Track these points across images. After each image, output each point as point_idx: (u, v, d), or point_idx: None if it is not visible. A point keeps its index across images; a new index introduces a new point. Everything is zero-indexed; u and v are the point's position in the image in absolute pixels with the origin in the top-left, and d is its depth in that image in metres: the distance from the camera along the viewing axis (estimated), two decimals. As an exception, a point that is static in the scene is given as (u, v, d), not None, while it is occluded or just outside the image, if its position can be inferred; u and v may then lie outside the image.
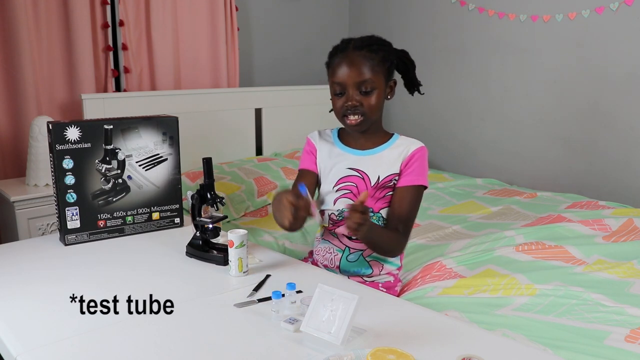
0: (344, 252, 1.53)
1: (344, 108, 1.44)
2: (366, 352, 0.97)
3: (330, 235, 1.56)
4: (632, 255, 1.81)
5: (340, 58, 1.45)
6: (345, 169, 1.51)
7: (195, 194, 1.55)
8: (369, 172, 1.49)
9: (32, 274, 1.43)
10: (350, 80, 1.42)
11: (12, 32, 2.32)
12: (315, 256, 1.61)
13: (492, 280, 1.64)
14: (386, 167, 1.49)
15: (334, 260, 1.54)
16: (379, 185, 1.48)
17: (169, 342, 1.07)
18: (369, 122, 1.47)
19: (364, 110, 1.44)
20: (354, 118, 1.45)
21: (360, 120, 1.45)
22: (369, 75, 1.42)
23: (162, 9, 2.73)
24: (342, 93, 1.45)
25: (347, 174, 1.50)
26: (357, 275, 1.54)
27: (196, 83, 2.93)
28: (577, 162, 2.85)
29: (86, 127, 1.61)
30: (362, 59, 1.42)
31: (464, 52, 3.23)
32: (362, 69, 1.42)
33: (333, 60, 1.48)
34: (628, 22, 2.58)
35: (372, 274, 1.54)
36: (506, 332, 1.36)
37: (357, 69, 1.42)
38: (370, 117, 1.46)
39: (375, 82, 1.43)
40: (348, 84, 1.43)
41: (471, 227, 2.18)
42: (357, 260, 1.52)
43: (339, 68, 1.44)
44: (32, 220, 2.17)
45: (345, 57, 1.44)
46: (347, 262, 1.53)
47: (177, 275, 1.42)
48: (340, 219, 1.52)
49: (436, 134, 3.45)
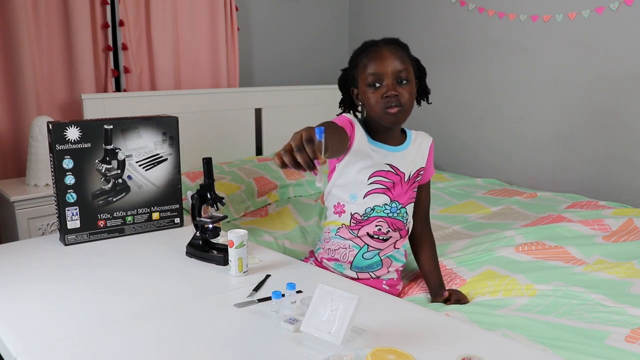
0: (361, 249, 1.53)
1: (384, 99, 1.42)
2: (366, 352, 0.97)
3: (348, 233, 1.53)
4: (632, 255, 1.81)
5: (372, 52, 1.46)
6: (383, 164, 1.49)
7: (195, 194, 1.55)
8: (402, 168, 1.51)
9: (32, 274, 1.43)
10: (387, 69, 1.42)
11: (12, 32, 2.32)
12: (321, 254, 1.59)
13: (492, 282, 1.64)
14: (413, 163, 1.54)
15: (347, 255, 1.54)
16: (412, 180, 1.54)
17: (169, 342, 1.07)
18: (406, 115, 1.46)
19: (401, 100, 1.43)
20: (395, 110, 1.42)
21: (399, 110, 1.43)
22: (405, 65, 1.44)
23: (162, 9, 2.73)
24: (376, 85, 1.44)
25: (384, 168, 1.49)
26: (367, 272, 1.55)
27: (196, 83, 2.93)
28: (577, 162, 2.85)
29: (86, 127, 1.61)
30: (396, 51, 1.45)
31: (464, 52, 3.23)
32: (398, 60, 1.44)
33: (363, 55, 1.48)
34: (628, 22, 2.58)
35: (380, 270, 1.56)
36: (506, 332, 1.36)
37: (393, 59, 1.43)
38: (408, 109, 1.45)
39: (409, 74, 1.45)
40: (385, 73, 1.42)
41: (471, 227, 2.18)
42: (373, 258, 1.54)
43: (374, 60, 1.44)
44: (32, 220, 2.17)
45: (378, 50, 1.46)
46: (362, 259, 1.54)
47: (177, 275, 1.42)
48: (364, 219, 1.51)
49: (436, 134, 3.39)
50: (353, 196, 1.50)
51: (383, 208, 1.51)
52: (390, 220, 1.52)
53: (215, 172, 1.95)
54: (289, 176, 2.64)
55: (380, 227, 1.51)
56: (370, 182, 1.48)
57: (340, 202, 1.53)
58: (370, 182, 1.48)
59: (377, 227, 1.51)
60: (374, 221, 1.51)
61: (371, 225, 1.51)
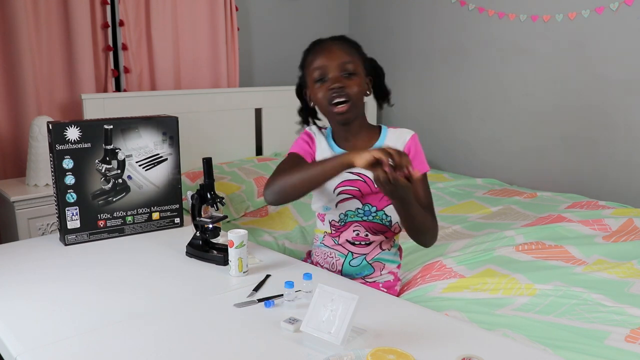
0: (346, 257, 1.51)
1: (329, 93, 1.39)
2: (366, 352, 0.97)
3: (331, 241, 1.53)
4: (632, 255, 1.81)
5: (318, 47, 1.45)
6: (346, 172, 1.41)
7: (195, 194, 1.55)
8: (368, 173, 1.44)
9: (32, 274, 1.43)
10: (331, 62, 1.40)
11: (12, 32, 2.32)
12: (315, 257, 1.60)
13: (492, 280, 1.64)
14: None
15: (335, 264, 1.53)
16: None
17: (169, 342, 1.07)
18: (354, 110, 1.42)
19: (348, 92, 1.38)
20: (342, 106, 1.39)
21: (348, 106, 1.39)
22: (350, 58, 1.41)
23: (162, 9, 2.73)
24: (322, 79, 1.41)
25: (349, 177, 1.45)
26: (359, 277, 1.53)
27: (196, 83, 2.93)
28: (577, 162, 2.85)
29: (86, 127, 1.61)
30: (341, 46, 1.43)
31: (464, 52, 3.23)
32: (343, 52, 1.41)
33: (309, 53, 1.47)
34: (628, 22, 2.58)
35: (373, 275, 1.53)
36: (506, 332, 1.36)
37: (338, 52, 1.41)
38: (356, 103, 1.41)
39: (356, 67, 1.42)
40: (329, 66, 1.40)
41: (471, 227, 2.18)
42: (360, 264, 1.51)
43: (318, 54, 1.42)
44: (32, 220, 2.17)
45: (323, 45, 1.45)
46: (349, 266, 1.52)
47: (177, 275, 1.42)
48: (342, 225, 1.49)
49: (436, 134, 3.45)
50: (326, 207, 1.50)
51: (356, 212, 1.47)
52: (367, 224, 1.47)
53: (215, 172, 1.95)
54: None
55: (358, 232, 1.48)
56: (337, 192, 1.47)
57: (319, 212, 1.54)
58: (337, 192, 1.47)
59: (354, 232, 1.48)
60: (350, 226, 1.48)
61: (349, 231, 1.49)
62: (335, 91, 1.39)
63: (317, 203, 1.53)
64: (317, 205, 1.53)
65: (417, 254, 1.88)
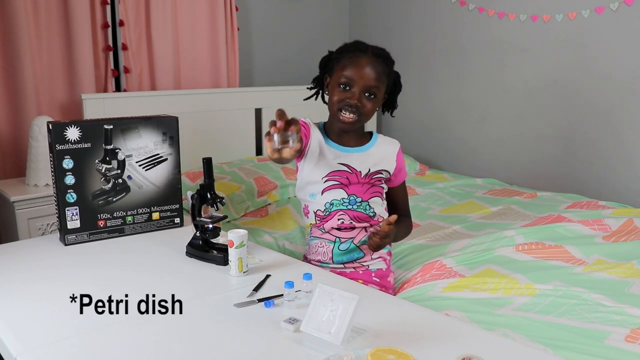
0: (334, 242, 1.57)
1: (344, 103, 1.49)
2: (366, 352, 0.97)
3: (318, 231, 1.60)
4: (632, 255, 1.81)
5: (357, 56, 1.50)
6: (336, 164, 1.55)
7: (195, 194, 1.55)
8: (357, 167, 1.56)
9: (32, 274, 1.43)
10: (361, 80, 1.48)
11: (12, 32, 2.31)
12: (309, 256, 1.65)
13: (493, 279, 1.64)
14: (374, 162, 1.57)
15: (326, 252, 1.58)
16: (369, 177, 1.56)
17: (169, 342, 1.07)
18: (359, 123, 1.53)
19: (361, 112, 1.49)
20: (350, 117, 1.49)
21: (355, 120, 1.50)
22: (378, 83, 1.49)
23: (162, 9, 2.73)
24: (346, 88, 1.49)
25: (338, 168, 1.55)
26: (351, 262, 1.58)
27: (196, 83, 2.93)
28: (577, 162, 2.85)
29: (86, 127, 1.61)
30: (377, 66, 1.49)
31: (464, 52, 3.23)
32: (375, 75, 1.48)
33: (346, 54, 1.51)
34: (628, 22, 2.58)
35: (364, 259, 1.59)
36: (506, 332, 1.36)
37: (372, 74, 1.48)
38: (364, 120, 1.53)
39: (379, 92, 1.51)
40: (358, 82, 1.48)
41: (471, 227, 2.18)
42: (349, 247, 1.57)
43: (354, 65, 1.48)
44: (32, 220, 2.17)
45: (363, 57, 1.49)
46: (339, 251, 1.57)
47: (177, 275, 1.42)
48: (326, 214, 1.57)
49: (436, 134, 3.45)
50: (312, 195, 1.58)
51: (341, 202, 1.56)
52: (352, 212, 1.56)
53: (215, 172, 1.95)
54: (289, 176, 2.64)
55: (343, 220, 1.57)
56: (325, 179, 1.55)
57: (305, 204, 1.62)
58: (325, 179, 1.55)
59: (339, 220, 1.57)
60: (335, 215, 1.57)
61: (334, 220, 1.57)
62: (350, 106, 1.49)
63: (304, 194, 1.60)
64: (304, 197, 1.60)
65: (417, 254, 1.88)
